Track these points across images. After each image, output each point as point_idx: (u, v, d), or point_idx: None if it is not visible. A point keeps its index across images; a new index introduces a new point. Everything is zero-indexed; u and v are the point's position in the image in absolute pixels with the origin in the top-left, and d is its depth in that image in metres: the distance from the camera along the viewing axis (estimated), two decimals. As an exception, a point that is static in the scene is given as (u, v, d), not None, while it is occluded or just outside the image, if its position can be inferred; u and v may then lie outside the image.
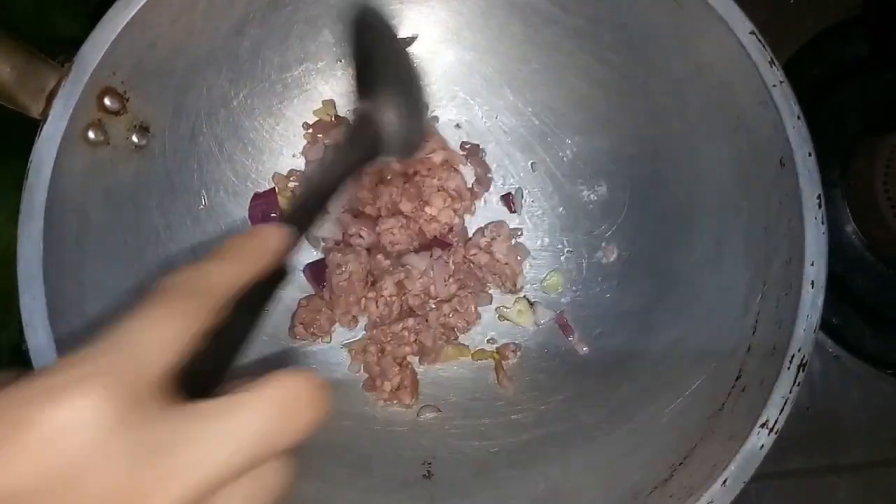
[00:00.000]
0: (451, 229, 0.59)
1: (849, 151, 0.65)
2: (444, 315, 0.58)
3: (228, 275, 0.28)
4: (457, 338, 0.58)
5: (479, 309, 0.59)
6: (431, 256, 0.58)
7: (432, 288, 0.58)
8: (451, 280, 0.58)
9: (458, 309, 0.58)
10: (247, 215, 0.57)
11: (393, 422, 0.54)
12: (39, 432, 0.20)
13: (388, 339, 0.56)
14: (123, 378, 0.22)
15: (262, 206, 0.57)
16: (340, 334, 0.58)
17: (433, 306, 0.58)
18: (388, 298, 0.57)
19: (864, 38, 0.68)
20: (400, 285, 0.57)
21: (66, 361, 0.22)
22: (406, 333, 0.56)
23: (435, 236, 0.59)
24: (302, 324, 0.56)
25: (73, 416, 0.21)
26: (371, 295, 0.57)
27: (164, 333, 0.24)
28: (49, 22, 0.67)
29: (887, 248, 0.64)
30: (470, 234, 0.61)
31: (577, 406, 0.53)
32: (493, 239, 0.59)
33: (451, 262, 0.59)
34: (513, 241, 0.60)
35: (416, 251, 0.58)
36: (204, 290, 0.26)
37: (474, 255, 0.59)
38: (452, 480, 0.50)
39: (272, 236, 0.31)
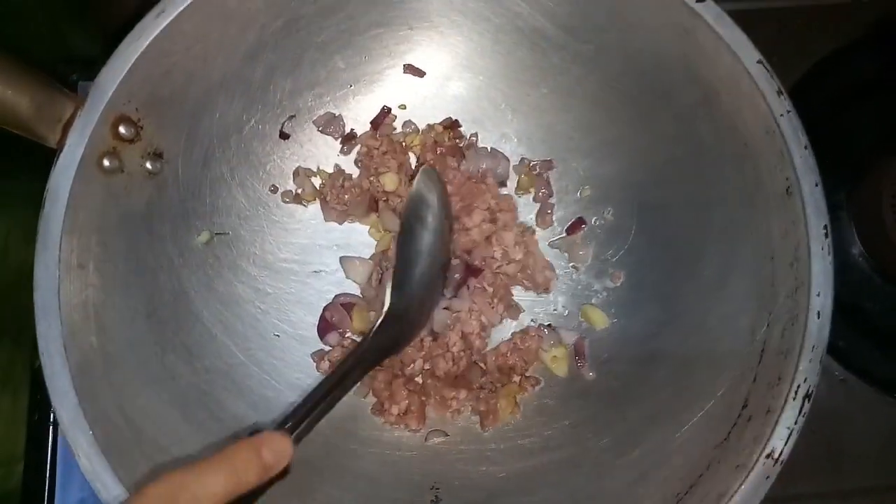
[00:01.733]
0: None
1: (856, 173, 0.65)
2: (502, 355, 0.57)
3: (218, 489, 0.28)
4: (509, 381, 0.57)
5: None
6: (468, 290, 0.57)
7: (483, 318, 0.57)
8: (497, 303, 0.57)
9: (520, 345, 0.57)
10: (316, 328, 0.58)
11: (400, 446, 0.54)
12: None
13: (434, 395, 0.56)
14: None
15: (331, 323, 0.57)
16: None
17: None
18: (457, 354, 0.56)
19: (871, 61, 0.68)
20: (464, 337, 0.56)
21: None
22: (454, 403, 0.55)
23: (466, 264, 0.58)
24: (331, 362, 0.56)
25: None
26: (438, 351, 0.56)
27: None
28: (64, 42, 0.68)
29: (894, 270, 0.64)
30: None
31: (584, 432, 0.53)
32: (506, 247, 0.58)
33: (486, 285, 0.57)
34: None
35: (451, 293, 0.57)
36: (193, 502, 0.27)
37: (499, 267, 0.58)
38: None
39: (276, 450, 0.32)
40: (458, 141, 0.59)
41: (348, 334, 0.58)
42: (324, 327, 0.57)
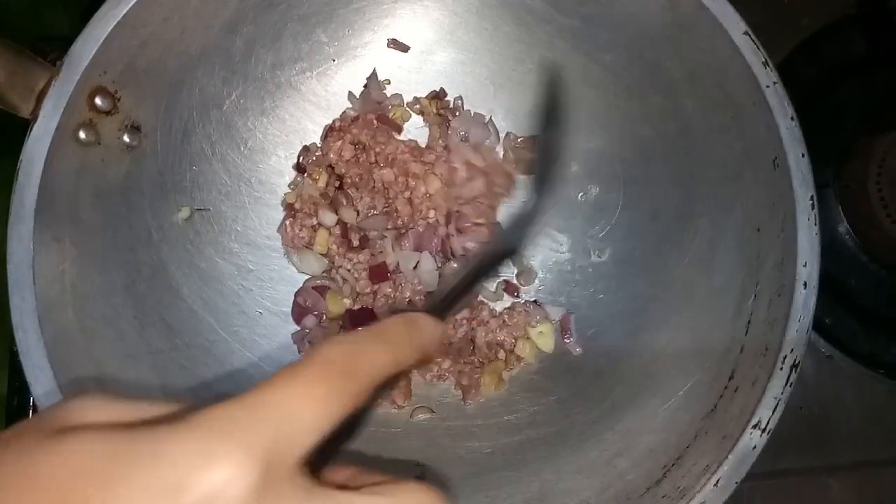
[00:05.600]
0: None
1: (843, 151, 0.66)
2: (492, 331, 0.56)
3: (390, 360, 0.27)
4: (495, 359, 0.56)
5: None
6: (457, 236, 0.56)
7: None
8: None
9: (507, 322, 0.56)
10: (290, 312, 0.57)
11: (386, 423, 0.54)
12: (191, 497, 0.20)
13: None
14: (271, 451, 0.21)
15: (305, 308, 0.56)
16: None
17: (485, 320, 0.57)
18: (458, 320, 0.56)
19: (859, 38, 0.68)
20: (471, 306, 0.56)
21: (220, 414, 0.22)
22: (435, 368, 0.55)
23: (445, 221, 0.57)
24: (312, 343, 0.55)
25: (219, 482, 0.20)
26: None
27: (317, 412, 0.23)
28: (43, 20, 0.67)
29: (880, 248, 0.64)
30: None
31: (571, 407, 0.53)
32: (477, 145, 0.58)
33: (473, 221, 0.57)
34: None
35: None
36: (365, 373, 0.25)
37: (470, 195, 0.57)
38: (446, 482, 0.50)
39: (432, 327, 0.31)
40: (443, 112, 0.58)
41: (325, 317, 0.57)
42: (298, 312, 0.56)
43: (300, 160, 0.58)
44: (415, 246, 0.57)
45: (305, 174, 0.57)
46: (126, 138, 0.49)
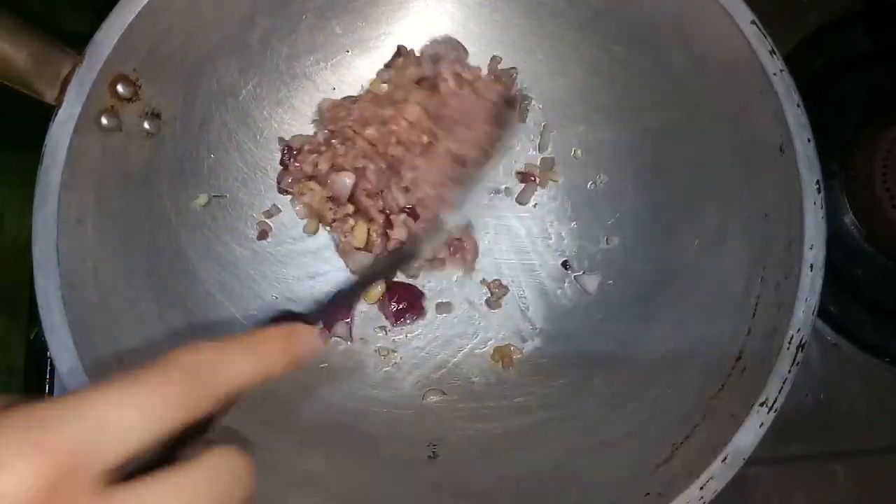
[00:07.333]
0: None
1: (849, 143, 0.66)
2: None
3: (246, 372, 0.26)
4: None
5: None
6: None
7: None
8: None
9: None
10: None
11: (398, 405, 0.55)
12: None
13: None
14: (71, 456, 0.20)
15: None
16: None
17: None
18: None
19: (865, 32, 0.68)
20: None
21: (25, 414, 0.21)
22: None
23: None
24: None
25: (1, 486, 0.19)
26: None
27: (135, 420, 0.22)
28: (55, 18, 0.68)
29: (886, 239, 0.65)
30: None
31: (580, 390, 0.53)
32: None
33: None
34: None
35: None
36: (220, 382, 0.25)
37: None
38: (457, 462, 0.51)
39: (306, 342, 0.30)
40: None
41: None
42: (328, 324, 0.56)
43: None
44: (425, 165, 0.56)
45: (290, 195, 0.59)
46: (147, 125, 0.50)
